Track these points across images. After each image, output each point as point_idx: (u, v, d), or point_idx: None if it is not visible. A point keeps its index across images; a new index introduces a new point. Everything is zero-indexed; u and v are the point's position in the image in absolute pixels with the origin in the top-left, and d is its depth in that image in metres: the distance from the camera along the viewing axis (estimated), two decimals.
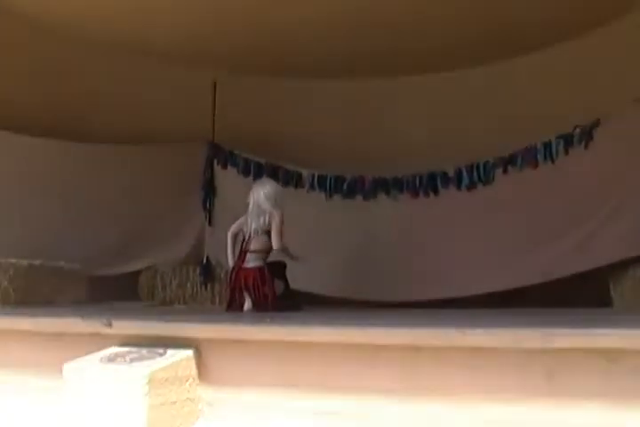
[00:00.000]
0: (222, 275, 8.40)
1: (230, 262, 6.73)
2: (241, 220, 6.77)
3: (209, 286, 8.50)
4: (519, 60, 8.50)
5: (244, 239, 6.66)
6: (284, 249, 6.52)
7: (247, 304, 6.45)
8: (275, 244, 6.49)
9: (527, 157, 7.59)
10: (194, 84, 9.08)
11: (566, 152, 7.41)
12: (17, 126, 7.99)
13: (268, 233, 6.55)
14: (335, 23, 7.98)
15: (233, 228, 6.85)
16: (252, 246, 6.57)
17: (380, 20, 7.89)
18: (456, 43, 8.32)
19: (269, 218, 6.54)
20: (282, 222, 6.51)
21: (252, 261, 6.54)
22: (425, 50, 8.53)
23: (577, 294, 7.16)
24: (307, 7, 7.66)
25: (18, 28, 8.01)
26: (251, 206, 6.67)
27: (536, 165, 7.52)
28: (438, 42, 8.33)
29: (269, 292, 6.41)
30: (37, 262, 7.31)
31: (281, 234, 6.49)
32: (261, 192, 6.67)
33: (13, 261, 7.14)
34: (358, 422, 3.22)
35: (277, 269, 6.61)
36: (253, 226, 6.57)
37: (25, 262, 7.20)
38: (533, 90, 8.39)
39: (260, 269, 6.50)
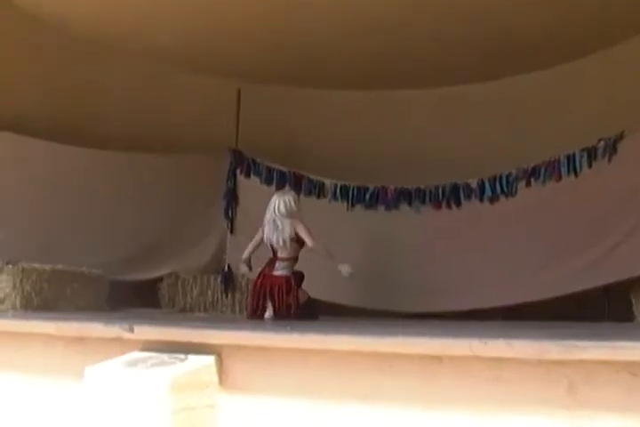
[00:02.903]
0: (243, 283, 8.43)
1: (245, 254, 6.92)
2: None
3: (230, 294, 8.54)
4: (544, 73, 8.49)
5: (273, 248, 6.69)
6: (319, 246, 6.59)
7: (268, 312, 6.47)
8: (309, 242, 6.55)
9: (550, 170, 7.55)
10: (218, 93, 9.11)
11: (589, 165, 7.36)
12: (41, 132, 8.08)
13: (297, 241, 6.60)
14: (358, 36, 7.99)
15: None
16: (282, 254, 6.61)
17: (404, 33, 7.90)
18: (479, 56, 8.32)
19: (293, 226, 6.59)
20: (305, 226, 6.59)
21: (280, 270, 6.58)
22: (448, 62, 8.53)
23: (599, 308, 7.15)
24: (330, 19, 7.69)
25: (44, 35, 8.07)
26: (270, 216, 6.70)
27: (559, 178, 7.48)
28: (461, 55, 8.32)
29: (293, 301, 6.44)
30: (60, 267, 7.36)
31: (310, 234, 6.55)
32: (282, 203, 6.70)
33: (36, 266, 7.20)
34: None
35: (297, 280, 6.64)
36: (281, 236, 6.60)
37: (47, 267, 7.26)
38: (557, 102, 8.38)
39: (286, 278, 6.54)
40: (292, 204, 6.75)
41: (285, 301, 6.44)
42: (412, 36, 7.95)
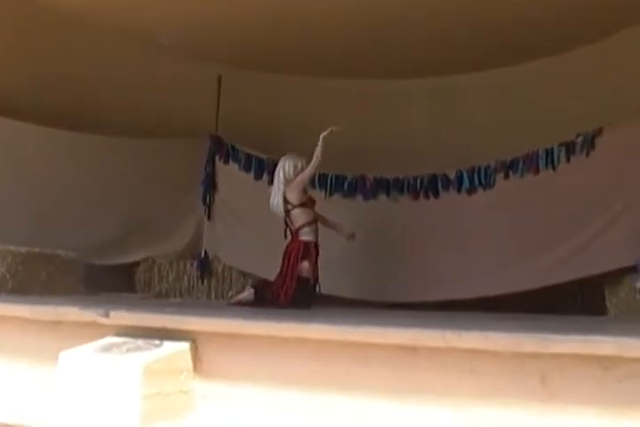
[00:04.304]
0: (219, 270, 8.43)
1: None
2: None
3: (206, 280, 8.54)
4: (525, 66, 8.50)
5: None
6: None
7: (244, 294, 6.48)
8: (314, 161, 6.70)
9: (528, 163, 7.59)
10: (198, 78, 9.06)
11: (568, 160, 7.42)
12: (16, 112, 8.03)
13: (301, 205, 6.66)
14: (348, 25, 7.95)
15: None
16: (293, 225, 6.66)
17: (387, 21, 7.87)
18: (462, 47, 8.31)
19: (288, 192, 6.63)
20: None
21: (302, 235, 6.59)
22: (431, 52, 8.52)
23: (572, 302, 7.22)
24: (319, 6, 7.65)
25: (32, 18, 7.97)
26: (274, 182, 6.80)
27: (537, 172, 7.53)
28: (452, 46, 8.31)
29: (309, 268, 6.46)
30: (35, 250, 7.32)
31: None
32: (281, 168, 6.74)
33: (11, 247, 7.15)
34: (351, 421, 3.23)
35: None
36: (276, 206, 6.64)
37: (23, 250, 7.21)
38: (537, 96, 8.40)
39: (306, 243, 6.53)
40: (290, 169, 6.76)
41: (298, 265, 6.43)
42: (402, 28, 7.93)
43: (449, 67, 8.76)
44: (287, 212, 6.66)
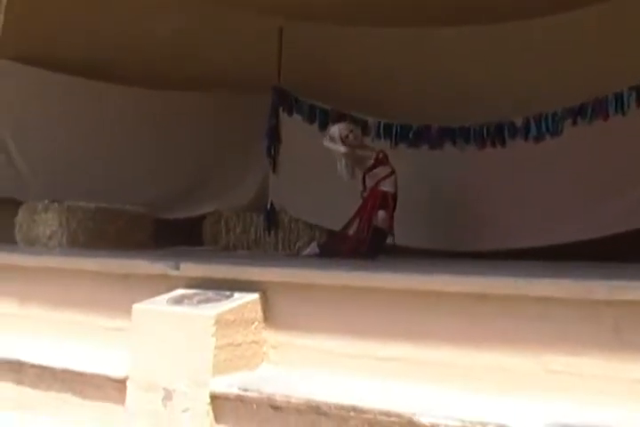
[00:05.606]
0: (286, 221, 8.46)
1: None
2: None
3: (272, 232, 8.57)
4: (590, 10, 8.25)
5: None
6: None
7: (310, 248, 6.50)
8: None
9: (597, 109, 7.42)
10: (260, 30, 9.00)
11: (638, 105, 7.23)
12: (80, 69, 8.09)
13: (373, 167, 6.68)
14: None
15: None
16: (373, 181, 6.64)
17: None
18: None
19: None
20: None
21: (382, 186, 6.61)
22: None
23: None
24: None
25: None
26: None
27: (607, 117, 7.35)
28: None
29: (385, 218, 6.44)
30: (104, 206, 7.44)
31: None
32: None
33: (82, 203, 7.29)
34: (420, 369, 3.24)
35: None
36: (346, 172, 6.74)
37: (92, 205, 7.35)
38: (603, 40, 8.16)
39: (384, 193, 6.54)
40: (330, 144, 6.78)
41: (374, 214, 6.43)
42: None
43: (513, 12, 8.55)
44: (363, 175, 6.67)
